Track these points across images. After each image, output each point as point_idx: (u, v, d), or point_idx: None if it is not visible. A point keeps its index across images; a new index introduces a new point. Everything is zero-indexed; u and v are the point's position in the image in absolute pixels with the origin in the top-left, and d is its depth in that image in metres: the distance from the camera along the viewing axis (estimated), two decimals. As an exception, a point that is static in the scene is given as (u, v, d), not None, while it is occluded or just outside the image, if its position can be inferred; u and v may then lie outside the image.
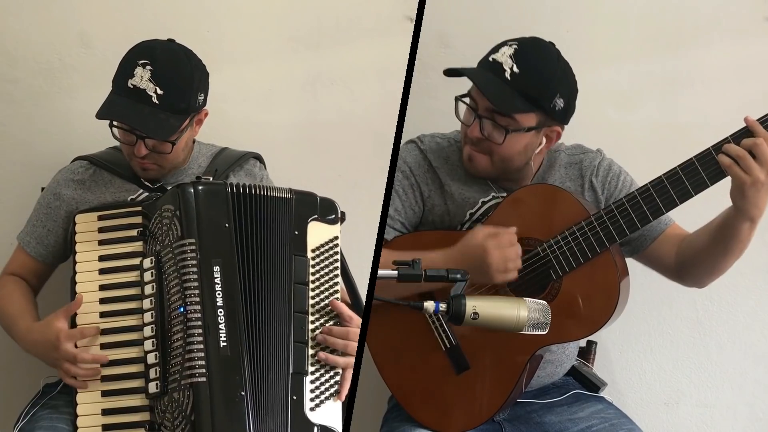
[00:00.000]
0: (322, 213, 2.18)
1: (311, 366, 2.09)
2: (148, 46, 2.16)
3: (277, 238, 2.12)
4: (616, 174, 2.22)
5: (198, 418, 1.97)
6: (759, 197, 1.96)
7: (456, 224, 2.22)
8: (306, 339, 2.10)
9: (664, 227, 2.19)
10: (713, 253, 2.09)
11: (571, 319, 2.05)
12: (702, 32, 2.55)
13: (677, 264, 2.18)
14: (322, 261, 2.16)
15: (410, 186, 2.24)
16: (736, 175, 1.94)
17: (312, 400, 2.08)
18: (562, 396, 2.23)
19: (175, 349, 2.02)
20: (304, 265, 2.14)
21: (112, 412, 2.03)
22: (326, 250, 2.17)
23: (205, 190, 2.10)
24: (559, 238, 2.08)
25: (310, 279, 2.13)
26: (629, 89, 2.58)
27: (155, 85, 2.10)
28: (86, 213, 2.15)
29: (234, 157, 2.33)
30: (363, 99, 2.59)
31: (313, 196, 2.19)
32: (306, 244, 2.15)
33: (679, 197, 2.02)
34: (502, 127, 2.09)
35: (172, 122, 2.14)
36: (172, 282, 2.04)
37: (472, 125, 2.12)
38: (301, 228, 2.15)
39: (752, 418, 2.63)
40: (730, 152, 1.96)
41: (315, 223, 2.17)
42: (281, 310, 2.10)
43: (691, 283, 2.22)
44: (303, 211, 2.16)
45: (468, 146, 2.16)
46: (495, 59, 2.07)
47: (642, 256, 2.22)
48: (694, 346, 2.62)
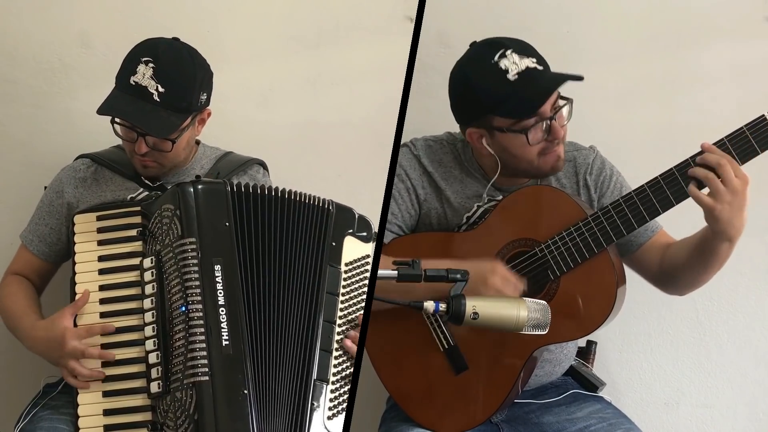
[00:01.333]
0: (359, 229, 2.21)
1: (333, 376, 2.10)
2: (152, 43, 2.16)
3: (301, 242, 2.13)
4: (608, 175, 2.23)
5: (201, 417, 1.97)
6: (732, 218, 1.96)
7: (453, 226, 2.22)
8: (331, 348, 2.11)
9: (651, 234, 2.20)
10: (693, 268, 2.10)
11: (568, 319, 2.05)
12: (702, 32, 2.55)
13: (660, 272, 2.19)
14: (354, 276, 2.19)
15: (406, 189, 2.24)
16: (705, 203, 1.95)
17: (330, 409, 2.09)
18: (560, 396, 2.23)
19: (177, 349, 2.01)
20: (337, 277, 2.16)
21: (113, 412, 2.03)
22: (359, 266, 2.20)
23: (205, 189, 2.10)
24: (556, 238, 2.08)
25: (341, 291, 2.15)
26: (629, 89, 2.58)
27: (157, 83, 2.10)
28: (85, 213, 2.15)
29: (238, 162, 2.33)
30: (363, 99, 2.60)
31: (351, 211, 2.22)
32: (341, 257, 2.17)
33: (675, 197, 2.02)
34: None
35: (173, 120, 2.14)
36: (173, 281, 2.04)
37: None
38: (338, 240, 2.18)
39: (752, 418, 2.63)
40: (698, 175, 1.97)
41: (351, 237, 2.20)
42: (302, 314, 2.10)
43: (671, 292, 2.23)
44: (341, 224, 2.19)
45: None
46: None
47: (627, 261, 2.22)
48: (694, 346, 2.62)
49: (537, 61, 2.08)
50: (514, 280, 2.08)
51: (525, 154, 2.12)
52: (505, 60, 2.06)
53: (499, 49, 2.07)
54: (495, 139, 2.13)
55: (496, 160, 2.15)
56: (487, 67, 2.07)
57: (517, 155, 2.13)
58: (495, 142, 2.13)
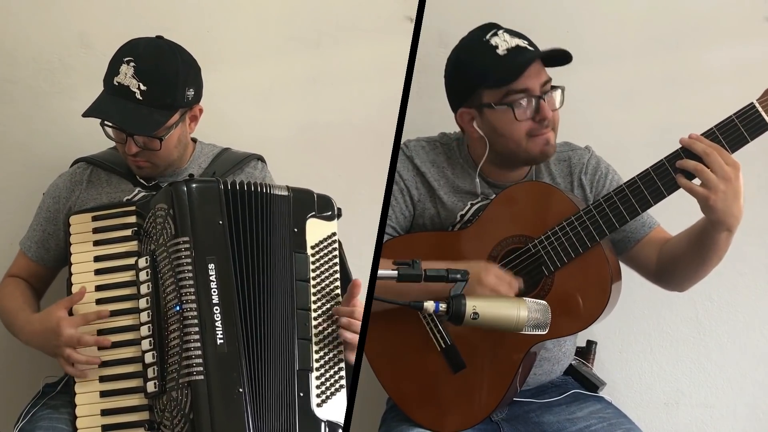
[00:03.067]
0: (320, 209, 2.19)
1: (316, 362, 2.10)
2: (133, 43, 2.17)
3: (276, 235, 2.13)
4: (604, 174, 2.24)
5: (197, 416, 1.97)
6: (729, 206, 1.95)
7: (447, 226, 2.23)
8: (310, 336, 2.11)
9: (648, 230, 2.20)
10: (691, 261, 2.10)
11: (564, 315, 2.05)
12: (702, 32, 2.55)
13: (658, 268, 2.19)
14: (322, 257, 2.17)
15: (400, 191, 2.25)
16: (699, 194, 1.95)
17: (318, 396, 2.09)
18: (560, 396, 2.23)
19: (172, 348, 2.02)
20: (305, 262, 2.14)
21: (111, 412, 2.03)
22: (325, 246, 2.18)
23: (198, 188, 2.10)
24: (549, 233, 2.09)
25: (311, 276, 2.14)
26: (629, 89, 2.58)
27: (138, 81, 2.11)
28: (80, 214, 2.16)
29: (235, 159, 2.33)
30: (363, 99, 2.60)
31: (310, 193, 2.19)
32: (305, 241, 2.16)
33: (666, 189, 2.02)
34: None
35: (156, 117, 2.14)
36: (168, 281, 2.05)
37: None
38: (300, 225, 2.16)
39: (752, 418, 2.63)
40: (687, 167, 1.97)
41: (313, 219, 2.18)
42: (282, 307, 2.10)
43: (671, 288, 2.23)
44: (301, 209, 2.17)
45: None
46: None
47: (624, 258, 2.22)
48: (694, 346, 2.62)
49: (529, 43, 2.12)
50: (508, 278, 2.08)
51: (513, 133, 2.13)
52: (496, 38, 2.11)
53: (491, 29, 2.14)
54: (484, 118, 2.15)
55: (485, 145, 2.16)
56: (477, 45, 2.13)
57: (505, 134, 2.14)
58: (484, 122, 2.15)
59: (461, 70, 2.17)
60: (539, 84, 2.11)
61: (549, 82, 2.13)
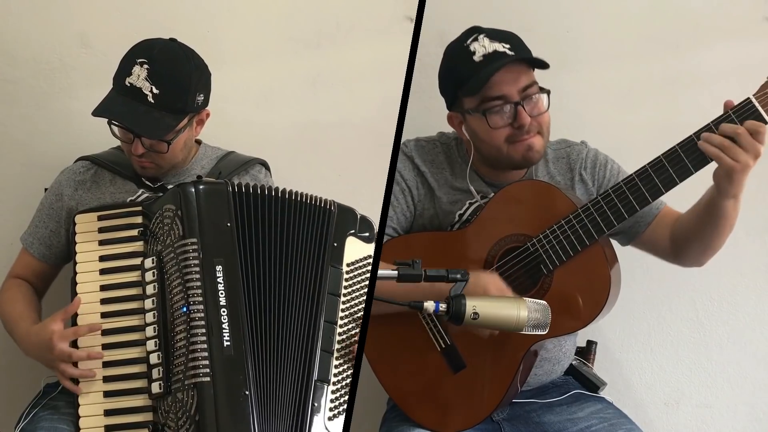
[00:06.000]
0: (360, 230, 2.22)
1: (334, 377, 2.10)
2: (148, 44, 2.16)
3: (295, 240, 2.13)
4: (603, 164, 2.25)
5: (202, 417, 1.97)
6: (743, 179, 1.98)
7: (446, 225, 2.23)
8: (332, 349, 2.11)
9: (656, 211, 2.21)
10: (704, 232, 2.11)
11: (563, 313, 2.05)
12: (702, 32, 2.55)
13: (672, 246, 2.20)
14: (355, 276, 2.19)
15: (401, 191, 2.25)
16: (726, 163, 1.95)
17: (331, 410, 2.09)
18: (561, 396, 2.23)
19: (178, 349, 2.01)
20: (339, 277, 2.16)
21: (114, 412, 2.03)
22: (360, 266, 2.20)
23: (206, 190, 2.10)
24: (547, 232, 2.09)
25: (342, 291, 2.15)
26: (629, 89, 2.58)
27: (151, 84, 2.10)
28: (86, 213, 2.15)
29: (239, 161, 2.33)
30: (363, 99, 2.60)
31: (353, 212, 2.22)
32: (343, 257, 2.18)
33: (664, 185, 2.03)
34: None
35: (168, 121, 2.14)
36: (174, 282, 2.04)
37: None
38: (340, 241, 2.18)
39: (752, 418, 2.63)
40: (713, 141, 1.97)
41: (352, 238, 2.20)
42: (303, 315, 2.10)
43: (689, 263, 2.23)
44: (343, 225, 2.19)
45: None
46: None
47: (638, 243, 2.24)
48: (694, 346, 2.62)
49: (511, 47, 2.11)
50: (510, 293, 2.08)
51: (491, 140, 2.14)
52: (475, 43, 2.12)
53: (473, 33, 2.14)
54: (467, 123, 2.17)
55: (472, 148, 2.19)
56: (458, 51, 2.15)
57: (484, 140, 2.16)
58: (468, 127, 2.18)
59: (443, 76, 2.21)
60: (517, 90, 2.11)
61: (531, 86, 2.12)
